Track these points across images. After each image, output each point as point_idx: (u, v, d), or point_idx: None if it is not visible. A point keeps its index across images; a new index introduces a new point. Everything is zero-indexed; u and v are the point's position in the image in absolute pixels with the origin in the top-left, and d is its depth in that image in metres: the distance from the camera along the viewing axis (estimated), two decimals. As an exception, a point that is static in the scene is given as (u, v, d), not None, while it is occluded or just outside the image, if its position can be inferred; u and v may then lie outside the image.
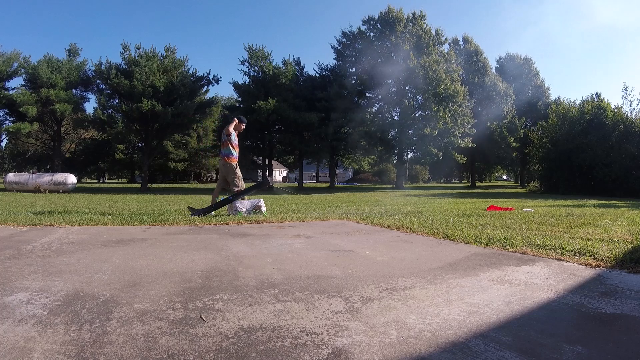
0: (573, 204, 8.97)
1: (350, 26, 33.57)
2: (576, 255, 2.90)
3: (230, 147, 6.11)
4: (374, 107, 29.62)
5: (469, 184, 38.61)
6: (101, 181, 54.71)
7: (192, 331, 1.49)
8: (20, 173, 24.00)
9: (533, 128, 29.52)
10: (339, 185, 35.77)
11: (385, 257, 2.96)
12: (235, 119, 6.27)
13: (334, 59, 30.11)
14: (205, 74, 27.01)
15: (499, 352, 1.33)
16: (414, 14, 27.41)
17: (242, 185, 6.13)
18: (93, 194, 16.82)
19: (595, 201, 10.57)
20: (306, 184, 40.18)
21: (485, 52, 36.25)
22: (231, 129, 6.09)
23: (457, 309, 1.76)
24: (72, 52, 30.78)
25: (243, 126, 6.39)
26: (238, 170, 6.14)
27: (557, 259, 2.83)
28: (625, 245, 3.24)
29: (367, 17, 27.84)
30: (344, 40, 28.79)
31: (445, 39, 28.83)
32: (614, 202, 10.56)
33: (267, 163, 30.70)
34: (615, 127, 17.66)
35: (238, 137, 6.34)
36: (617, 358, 1.30)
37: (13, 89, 27.77)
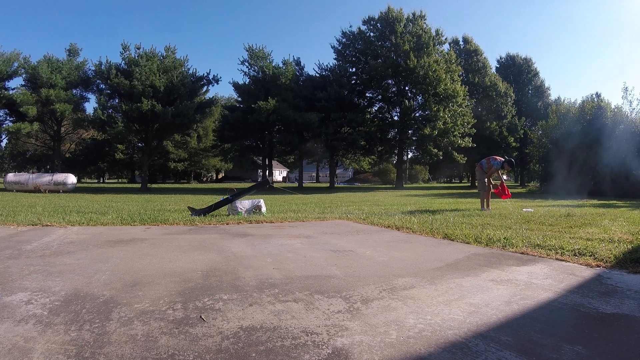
0: (573, 204, 8.96)
1: (350, 26, 33.58)
2: (576, 255, 2.89)
3: (488, 170, 7.35)
4: (374, 107, 29.65)
5: (469, 184, 38.60)
6: (101, 181, 54.68)
7: (192, 331, 1.49)
8: (20, 173, 23.97)
9: (533, 128, 29.51)
10: (339, 185, 35.69)
11: (385, 257, 2.96)
12: (507, 164, 7.32)
13: (334, 59, 30.10)
14: (205, 74, 26.91)
15: (499, 352, 1.33)
16: (414, 14, 27.42)
17: (484, 189, 7.43)
18: (93, 194, 16.81)
19: (595, 201, 10.56)
20: (306, 184, 40.15)
21: (485, 52, 36.33)
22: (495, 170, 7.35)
23: (457, 309, 1.76)
24: (72, 52, 30.72)
25: (508, 167, 7.45)
26: (485, 180, 7.42)
27: (557, 259, 2.83)
28: (625, 245, 3.24)
29: (367, 17, 27.88)
30: (344, 40, 28.79)
31: (445, 39, 28.84)
32: (614, 202, 10.55)
33: (267, 163, 30.66)
34: (615, 127, 17.64)
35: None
36: (617, 358, 1.30)
37: (13, 89, 27.70)
